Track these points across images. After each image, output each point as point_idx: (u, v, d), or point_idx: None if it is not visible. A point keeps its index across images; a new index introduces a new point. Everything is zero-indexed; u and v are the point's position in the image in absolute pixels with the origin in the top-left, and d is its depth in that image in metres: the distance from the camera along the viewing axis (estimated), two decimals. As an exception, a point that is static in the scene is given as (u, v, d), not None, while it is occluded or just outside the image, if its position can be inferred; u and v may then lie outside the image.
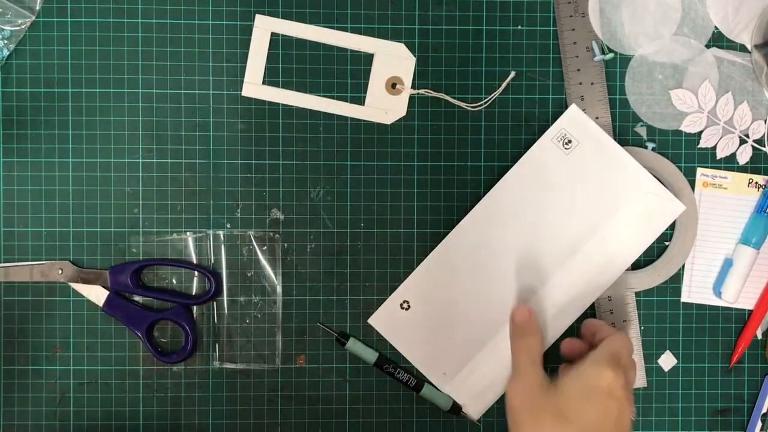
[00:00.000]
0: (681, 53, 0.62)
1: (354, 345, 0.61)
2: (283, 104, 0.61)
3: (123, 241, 0.60)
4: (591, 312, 0.62)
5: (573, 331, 0.61)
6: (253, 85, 0.60)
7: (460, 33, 0.61)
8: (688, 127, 0.62)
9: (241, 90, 0.60)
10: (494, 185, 0.60)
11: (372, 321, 0.61)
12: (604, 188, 0.60)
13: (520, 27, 0.61)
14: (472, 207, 0.61)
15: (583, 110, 0.61)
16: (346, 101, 0.61)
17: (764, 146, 0.63)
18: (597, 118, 0.61)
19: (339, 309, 0.61)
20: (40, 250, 0.60)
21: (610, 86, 0.62)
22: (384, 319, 0.61)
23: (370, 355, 0.61)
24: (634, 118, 0.62)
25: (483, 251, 0.60)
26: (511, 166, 0.61)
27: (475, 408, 0.62)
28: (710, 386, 0.63)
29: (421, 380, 0.61)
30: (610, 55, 0.61)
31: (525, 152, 0.61)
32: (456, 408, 0.61)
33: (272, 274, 0.61)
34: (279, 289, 0.61)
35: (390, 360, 0.61)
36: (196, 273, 0.61)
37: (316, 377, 0.61)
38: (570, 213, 0.60)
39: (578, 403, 0.52)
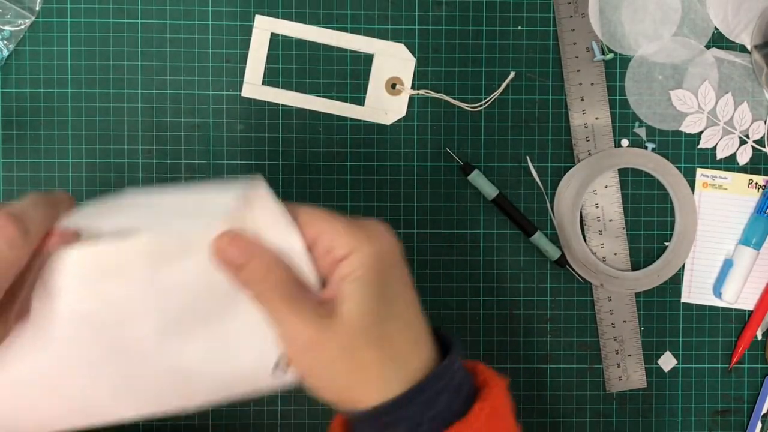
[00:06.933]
0: (681, 54, 0.62)
1: (477, 177, 0.60)
2: (282, 105, 0.61)
3: (123, 242, 0.60)
4: (590, 313, 0.62)
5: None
6: (253, 86, 0.60)
7: (460, 33, 0.61)
8: (687, 127, 0.62)
9: (240, 90, 0.60)
10: None
11: None
12: None
13: (519, 27, 0.61)
14: (472, 207, 0.61)
15: (582, 111, 0.61)
16: (346, 102, 0.61)
17: (764, 147, 0.63)
18: (597, 118, 0.61)
19: (339, 309, 0.61)
20: (40, 251, 0.60)
21: (609, 87, 0.62)
22: None
23: (491, 190, 0.60)
24: (634, 118, 0.62)
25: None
26: (511, 166, 0.61)
27: None
28: (710, 387, 0.63)
29: (534, 225, 0.61)
30: (609, 56, 0.61)
31: (524, 152, 0.61)
32: (563, 260, 0.61)
33: (272, 275, 0.61)
34: (279, 289, 0.61)
35: (509, 201, 0.61)
36: (195, 273, 0.61)
37: (316, 378, 0.61)
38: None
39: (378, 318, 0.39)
